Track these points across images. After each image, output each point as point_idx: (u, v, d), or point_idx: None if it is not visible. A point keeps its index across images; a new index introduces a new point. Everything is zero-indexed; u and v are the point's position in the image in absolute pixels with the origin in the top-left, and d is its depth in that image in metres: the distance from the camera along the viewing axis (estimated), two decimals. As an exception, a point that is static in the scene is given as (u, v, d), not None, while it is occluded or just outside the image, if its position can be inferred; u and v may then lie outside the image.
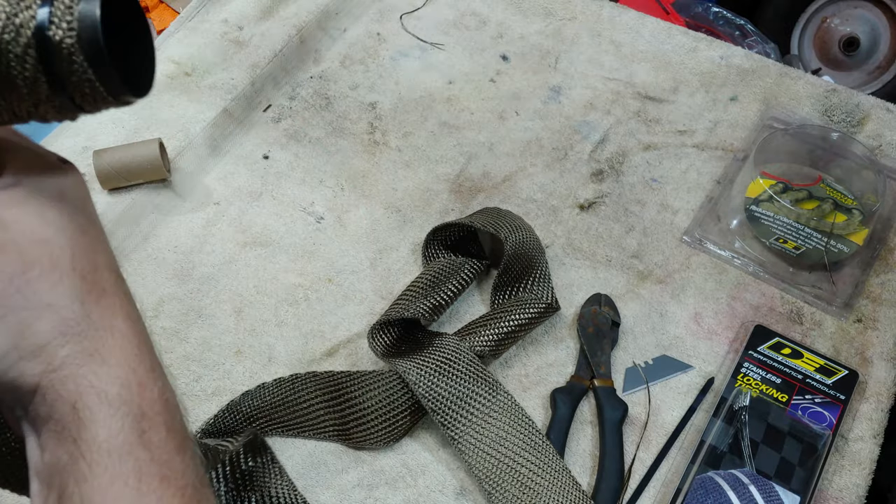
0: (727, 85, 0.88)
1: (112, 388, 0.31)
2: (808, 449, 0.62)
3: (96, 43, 0.27)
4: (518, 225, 0.71)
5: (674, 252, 0.75)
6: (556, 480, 0.58)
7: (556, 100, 0.87)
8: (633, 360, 0.68)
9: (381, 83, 0.88)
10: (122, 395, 0.31)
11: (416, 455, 0.63)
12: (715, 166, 0.81)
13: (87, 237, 0.33)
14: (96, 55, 0.28)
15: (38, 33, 0.27)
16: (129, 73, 0.30)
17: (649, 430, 0.64)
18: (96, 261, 0.33)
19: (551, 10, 0.96)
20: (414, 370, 0.61)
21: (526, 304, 0.67)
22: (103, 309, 0.32)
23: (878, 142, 0.83)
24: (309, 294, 0.72)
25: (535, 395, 0.66)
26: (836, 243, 0.72)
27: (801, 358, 0.67)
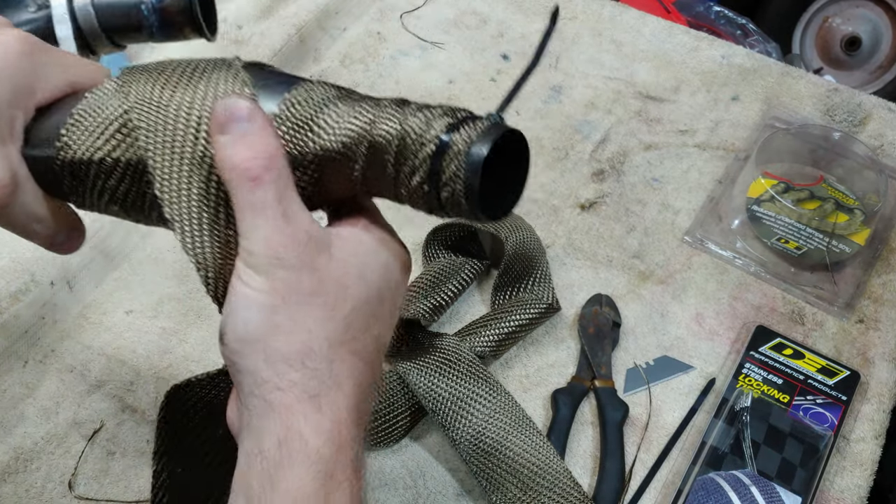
0: (729, 84, 0.88)
1: (315, 440, 0.32)
2: (810, 450, 0.62)
3: (473, 186, 0.32)
4: (518, 225, 0.70)
5: (675, 252, 0.74)
6: (557, 481, 0.58)
7: (557, 99, 0.87)
8: (634, 360, 0.68)
9: (382, 82, 0.88)
10: (321, 450, 0.32)
11: (416, 456, 0.62)
12: (716, 166, 0.81)
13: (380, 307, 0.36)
14: (470, 193, 0.32)
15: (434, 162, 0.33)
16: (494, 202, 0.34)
17: (650, 431, 0.64)
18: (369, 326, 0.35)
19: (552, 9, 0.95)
20: (414, 370, 0.61)
21: (526, 305, 0.66)
22: (346, 366, 0.34)
23: (880, 141, 0.82)
24: (309, 294, 0.71)
25: (535, 395, 0.66)
26: (838, 243, 0.72)
27: (803, 358, 0.67)
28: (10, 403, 0.64)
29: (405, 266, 0.38)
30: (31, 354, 0.67)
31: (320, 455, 0.32)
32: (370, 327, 0.35)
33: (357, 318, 0.34)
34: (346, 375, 0.34)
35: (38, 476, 0.60)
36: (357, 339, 0.34)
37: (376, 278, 0.35)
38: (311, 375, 0.33)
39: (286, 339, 0.32)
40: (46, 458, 0.61)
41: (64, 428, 0.63)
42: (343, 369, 0.34)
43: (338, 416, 0.33)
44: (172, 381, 0.66)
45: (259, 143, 0.33)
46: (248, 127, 0.33)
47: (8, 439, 0.62)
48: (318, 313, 0.33)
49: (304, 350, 0.33)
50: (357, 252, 0.35)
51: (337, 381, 0.33)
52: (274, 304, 0.32)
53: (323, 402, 0.33)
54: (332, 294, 0.33)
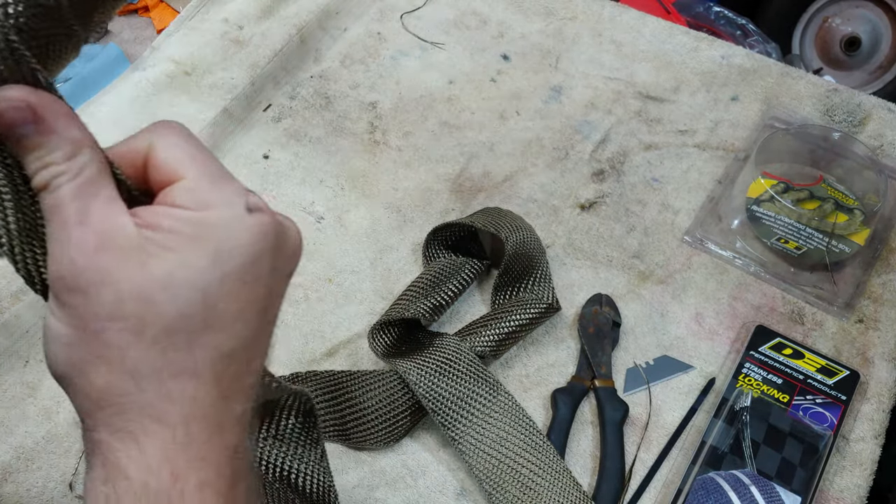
0: (728, 85, 0.88)
1: (139, 476, 0.29)
2: (810, 449, 0.62)
3: None
4: (519, 225, 0.71)
5: (675, 252, 0.75)
6: (557, 481, 0.58)
7: (557, 99, 0.87)
8: (634, 360, 0.68)
9: (382, 83, 0.88)
10: (148, 483, 0.29)
11: (417, 455, 0.63)
12: (716, 166, 0.81)
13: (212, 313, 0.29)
14: None
15: None
16: None
17: (650, 431, 0.64)
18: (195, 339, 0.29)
19: (552, 9, 0.95)
20: (414, 370, 0.61)
21: (526, 305, 0.67)
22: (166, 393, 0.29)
23: (880, 142, 0.83)
24: (309, 294, 0.72)
25: (535, 395, 0.66)
26: (838, 243, 0.72)
27: (803, 358, 0.67)
28: (12, 403, 0.64)
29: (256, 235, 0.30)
30: (32, 354, 0.67)
31: (148, 489, 0.29)
32: (197, 340, 0.29)
33: (174, 337, 0.29)
34: (169, 403, 0.29)
35: (38, 476, 0.60)
36: (177, 361, 0.29)
37: (206, 269, 0.29)
38: (117, 412, 0.29)
39: (86, 378, 0.29)
40: (47, 457, 0.61)
41: (65, 427, 0.63)
42: (162, 397, 0.29)
43: (164, 447, 0.29)
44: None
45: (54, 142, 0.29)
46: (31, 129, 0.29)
47: (9, 439, 0.62)
48: (117, 342, 0.28)
49: (105, 388, 0.29)
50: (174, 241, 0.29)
51: (155, 414, 0.29)
52: (69, 336, 0.29)
53: (140, 437, 0.29)
54: (134, 315, 0.28)
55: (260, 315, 0.31)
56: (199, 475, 0.30)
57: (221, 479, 0.30)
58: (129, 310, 0.28)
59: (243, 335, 0.31)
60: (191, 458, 0.30)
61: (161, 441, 0.29)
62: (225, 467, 0.31)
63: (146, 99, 0.84)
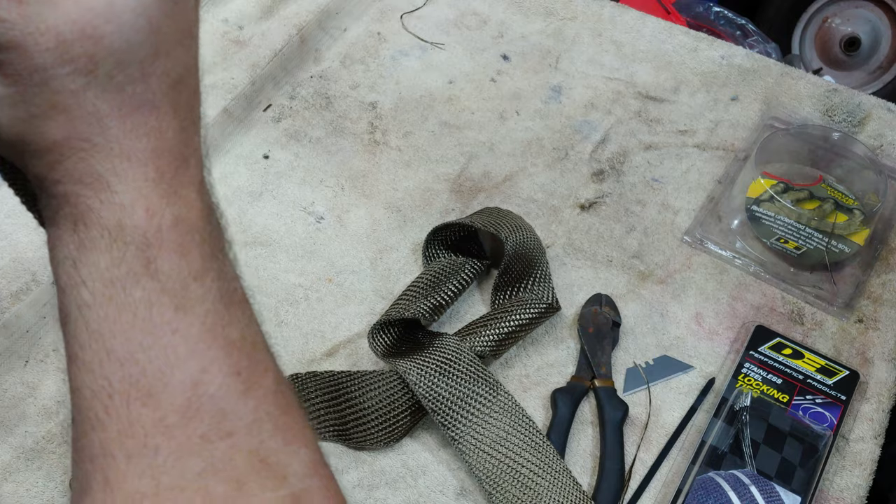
0: (728, 85, 0.88)
1: (112, 216, 0.28)
2: (809, 449, 0.62)
3: None
4: (518, 225, 0.71)
5: (675, 252, 0.75)
6: (557, 481, 0.58)
7: (557, 99, 0.87)
8: (634, 360, 0.68)
9: (382, 83, 0.88)
10: (122, 222, 0.28)
11: (417, 455, 0.63)
12: (716, 166, 0.81)
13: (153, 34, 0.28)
14: None
15: None
16: None
17: (650, 431, 0.64)
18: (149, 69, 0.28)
19: (552, 9, 0.95)
20: (414, 370, 0.61)
21: (526, 305, 0.67)
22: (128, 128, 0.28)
23: (880, 142, 0.83)
24: (309, 294, 0.72)
25: (535, 395, 0.66)
26: (837, 243, 0.72)
27: (802, 358, 0.67)
28: (12, 403, 0.64)
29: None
30: (33, 354, 0.67)
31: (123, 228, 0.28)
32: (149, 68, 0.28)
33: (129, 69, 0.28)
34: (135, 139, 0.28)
35: (38, 475, 0.60)
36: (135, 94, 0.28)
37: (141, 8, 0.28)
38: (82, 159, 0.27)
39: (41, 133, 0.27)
40: (47, 457, 0.61)
41: (65, 427, 0.63)
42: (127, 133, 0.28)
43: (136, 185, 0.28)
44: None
45: None
46: None
47: (9, 438, 0.62)
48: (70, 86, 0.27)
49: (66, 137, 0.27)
50: None
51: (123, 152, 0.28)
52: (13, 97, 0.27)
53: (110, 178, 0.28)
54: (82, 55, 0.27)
55: (194, 39, 0.31)
56: (172, 210, 0.29)
57: (194, 212, 0.29)
58: (76, 51, 0.26)
59: (186, 60, 0.31)
60: (163, 193, 0.28)
61: (132, 179, 0.28)
62: (196, 200, 0.30)
63: (146, 99, 0.84)
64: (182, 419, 0.28)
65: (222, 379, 0.29)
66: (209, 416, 0.28)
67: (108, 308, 0.28)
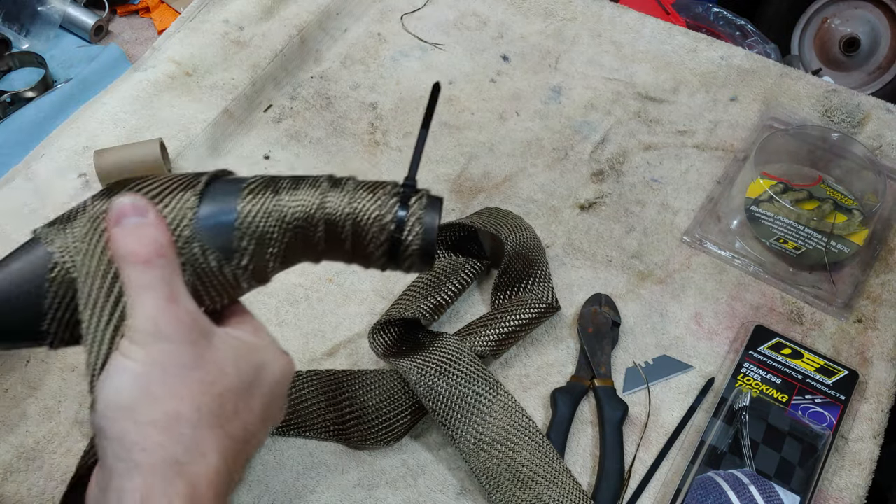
0: (727, 85, 0.88)
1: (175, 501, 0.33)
2: (808, 449, 0.62)
3: (430, 249, 0.40)
4: (518, 225, 0.71)
5: (674, 252, 0.75)
6: (557, 480, 0.59)
7: (557, 100, 0.87)
8: (634, 360, 0.68)
9: (382, 83, 0.88)
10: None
11: (417, 455, 0.63)
12: (715, 166, 0.81)
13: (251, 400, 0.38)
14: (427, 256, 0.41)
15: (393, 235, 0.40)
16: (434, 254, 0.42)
17: (649, 430, 0.64)
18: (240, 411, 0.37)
19: (552, 10, 0.96)
20: (414, 370, 0.61)
21: (526, 305, 0.67)
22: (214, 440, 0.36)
23: (879, 142, 0.83)
24: (309, 294, 0.72)
25: (535, 394, 0.66)
26: (837, 244, 0.72)
27: (802, 358, 0.67)
28: (12, 402, 0.64)
29: (284, 372, 0.42)
30: (33, 353, 0.67)
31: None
32: (240, 413, 0.37)
33: (230, 400, 0.36)
34: (213, 449, 0.35)
35: (39, 475, 0.60)
36: (228, 420, 0.36)
37: (251, 372, 0.38)
38: (176, 440, 0.34)
39: (158, 404, 0.34)
40: (48, 456, 0.61)
41: (66, 427, 0.63)
42: (211, 442, 0.35)
43: (197, 484, 0.34)
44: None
45: (149, 234, 0.36)
46: (138, 220, 0.37)
47: (10, 438, 0.62)
48: (193, 385, 0.35)
49: (173, 415, 0.34)
50: (236, 346, 0.38)
51: (202, 450, 0.35)
52: (150, 372, 0.34)
53: (185, 468, 0.34)
54: (211, 372, 0.36)
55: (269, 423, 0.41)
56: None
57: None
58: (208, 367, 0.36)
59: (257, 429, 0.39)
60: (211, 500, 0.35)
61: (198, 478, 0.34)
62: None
63: (147, 99, 0.84)
64: None
65: None
66: None
67: None
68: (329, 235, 0.41)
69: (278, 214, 0.40)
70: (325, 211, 0.40)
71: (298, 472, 0.62)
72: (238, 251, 0.39)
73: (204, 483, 0.34)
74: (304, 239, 0.41)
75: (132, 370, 0.34)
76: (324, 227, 0.40)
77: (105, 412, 0.34)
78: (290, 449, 0.63)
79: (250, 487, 0.61)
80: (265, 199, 0.40)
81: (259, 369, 0.39)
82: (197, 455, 0.34)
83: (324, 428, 0.63)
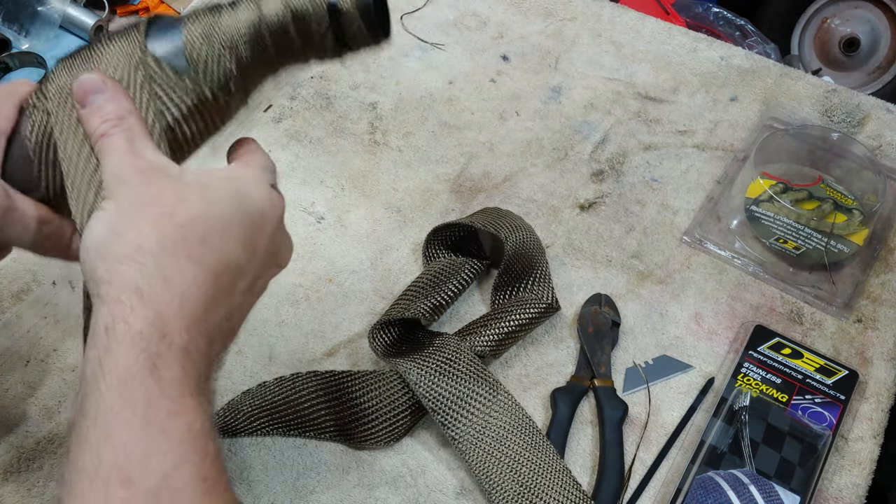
0: (727, 85, 0.88)
1: (137, 323, 0.35)
2: (809, 449, 0.62)
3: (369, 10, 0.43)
4: (518, 225, 0.71)
5: (674, 252, 0.75)
6: (557, 480, 0.59)
7: (557, 100, 0.87)
8: (634, 360, 0.68)
9: (382, 83, 0.88)
10: (143, 332, 0.35)
11: (417, 455, 0.63)
12: (715, 166, 0.81)
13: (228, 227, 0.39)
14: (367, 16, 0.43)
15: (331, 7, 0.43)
16: (382, 22, 0.44)
17: (649, 430, 0.64)
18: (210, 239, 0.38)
19: (552, 10, 0.96)
20: (414, 370, 0.62)
21: (526, 304, 0.67)
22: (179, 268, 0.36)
23: (879, 142, 0.83)
24: (309, 294, 0.72)
25: (535, 394, 0.66)
26: (836, 243, 0.72)
27: (801, 358, 0.67)
28: (13, 402, 0.64)
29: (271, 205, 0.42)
30: (33, 354, 0.67)
31: (143, 336, 0.34)
32: (211, 241, 0.38)
33: (195, 229, 0.37)
34: (178, 275, 0.36)
35: (39, 475, 0.60)
36: (197, 248, 0.37)
37: (224, 201, 0.39)
38: (138, 270, 0.35)
39: (121, 239, 0.36)
40: (48, 457, 0.61)
41: (66, 427, 0.63)
42: (174, 269, 0.36)
43: (162, 311, 0.35)
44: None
45: (110, 109, 0.40)
46: (99, 98, 0.40)
47: (10, 438, 0.62)
48: (152, 217, 0.37)
49: (135, 247, 0.36)
50: (205, 180, 0.39)
51: (164, 276, 0.36)
52: (115, 214, 0.37)
53: (146, 292, 0.35)
54: (168, 204, 0.37)
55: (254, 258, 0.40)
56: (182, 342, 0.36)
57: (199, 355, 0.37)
58: (166, 200, 0.37)
59: (241, 259, 0.39)
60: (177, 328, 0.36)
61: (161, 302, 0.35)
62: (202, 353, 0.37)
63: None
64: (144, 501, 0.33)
65: (189, 478, 0.34)
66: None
67: (116, 400, 0.34)
68: (276, 40, 0.43)
69: (223, 36, 0.42)
70: (267, 20, 0.42)
71: (298, 472, 0.62)
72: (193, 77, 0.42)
73: (170, 310, 0.35)
74: (256, 52, 0.43)
75: (102, 217, 0.37)
76: (269, 35, 0.43)
77: (83, 256, 0.37)
78: (290, 449, 0.63)
79: (250, 487, 0.61)
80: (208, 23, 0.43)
81: (236, 198, 0.39)
82: (159, 281, 0.35)
83: (324, 428, 0.63)
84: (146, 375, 0.34)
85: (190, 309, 0.36)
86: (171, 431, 0.34)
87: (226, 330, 0.39)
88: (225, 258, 0.38)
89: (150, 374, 0.34)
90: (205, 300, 0.37)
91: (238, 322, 0.41)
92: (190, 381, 0.36)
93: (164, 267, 0.36)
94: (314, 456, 0.63)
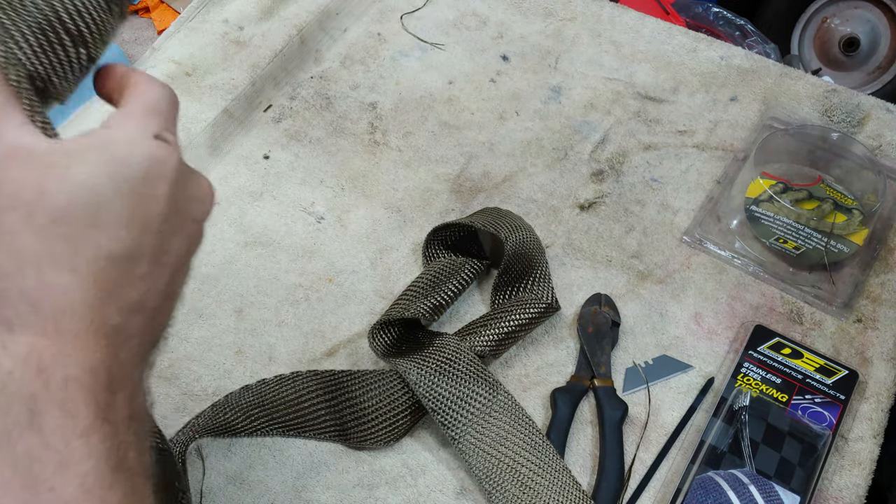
0: (727, 85, 0.88)
1: (6, 364, 0.29)
2: (808, 449, 0.62)
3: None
4: (518, 225, 0.71)
5: (674, 252, 0.75)
6: (557, 480, 0.59)
7: (557, 100, 0.87)
8: (633, 359, 0.68)
9: (382, 83, 0.88)
10: (13, 373, 0.29)
11: (417, 455, 0.63)
12: (715, 166, 0.81)
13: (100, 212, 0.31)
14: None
15: None
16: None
17: (649, 430, 0.64)
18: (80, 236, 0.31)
19: (551, 10, 0.96)
20: (414, 370, 0.62)
21: (526, 304, 0.67)
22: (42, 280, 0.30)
23: (878, 142, 0.83)
24: (309, 294, 0.72)
25: (535, 394, 0.66)
26: (836, 243, 0.72)
27: (801, 358, 0.67)
28: None
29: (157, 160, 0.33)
30: None
31: (13, 377, 0.29)
32: (79, 237, 0.31)
33: (57, 229, 0.30)
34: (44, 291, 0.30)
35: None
36: (58, 252, 0.30)
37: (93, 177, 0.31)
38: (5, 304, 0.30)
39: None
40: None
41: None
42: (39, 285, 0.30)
43: (34, 338, 0.30)
44: (174, 380, 0.66)
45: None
46: None
47: None
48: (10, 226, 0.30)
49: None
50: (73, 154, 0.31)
51: (31, 301, 0.30)
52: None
53: (15, 324, 0.30)
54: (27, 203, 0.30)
55: (148, 233, 0.33)
56: (65, 370, 0.30)
57: (91, 378, 0.30)
58: (26, 197, 0.30)
59: (127, 243, 0.32)
60: (57, 353, 0.30)
61: (32, 331, 0.30)
62: (100, 370, 0.31)
63: (146, 99, 0.84)
64: None
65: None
66: None
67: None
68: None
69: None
70: None
71: (298, 472, 0.62)
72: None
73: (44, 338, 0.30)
74: None
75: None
76: None
77: None
78: (290, 449, 0.63)
79: (250, 487, 0.61)
80: None
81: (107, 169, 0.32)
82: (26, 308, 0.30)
83: (324, 428, 0.63)
84: (24, 429, 0.28)
85: (69, 326, 0.30)
86: (59, 489, 0.28)
87: (140, 323, 0.33)
88: (104, 252, 0.31)
89: (29, 427, 0.28)
90: (87, 310, 0.31)
91: (161, 302, 0.34)
92: (81, 417, 0.30)
93: (28, 290, 0.30)
94: (314, 456, 0.63)
